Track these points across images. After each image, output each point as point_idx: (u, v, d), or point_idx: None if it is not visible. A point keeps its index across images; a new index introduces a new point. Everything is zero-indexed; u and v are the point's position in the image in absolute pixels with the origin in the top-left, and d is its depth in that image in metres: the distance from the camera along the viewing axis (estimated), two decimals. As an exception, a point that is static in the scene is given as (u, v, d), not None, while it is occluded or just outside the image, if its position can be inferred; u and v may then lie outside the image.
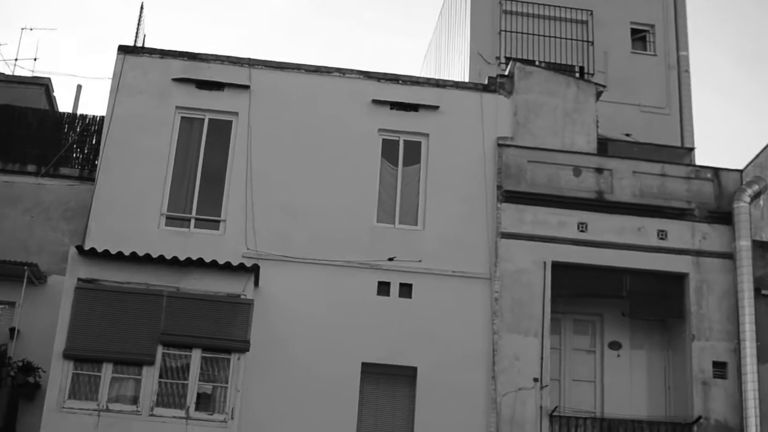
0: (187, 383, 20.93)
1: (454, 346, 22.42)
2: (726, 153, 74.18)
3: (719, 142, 72.42)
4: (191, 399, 20.85)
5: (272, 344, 21.98)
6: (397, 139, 24.10)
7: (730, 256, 23.76)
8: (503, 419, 22.01)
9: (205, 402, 21.03)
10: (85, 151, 24.89)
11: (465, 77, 29.82)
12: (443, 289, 22.76)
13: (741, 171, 24.85)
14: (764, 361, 23.22)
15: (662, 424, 22.85)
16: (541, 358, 22.48)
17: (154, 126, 23.43)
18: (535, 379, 22.32)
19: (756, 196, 24.36)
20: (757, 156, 35.26)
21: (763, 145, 34.92)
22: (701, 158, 26.83)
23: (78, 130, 25.07)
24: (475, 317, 22.68)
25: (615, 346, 24.03)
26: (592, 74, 29.83)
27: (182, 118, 23.70)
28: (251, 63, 24.07)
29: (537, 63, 28.93)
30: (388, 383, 22.47)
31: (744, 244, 23.54)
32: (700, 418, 22.65)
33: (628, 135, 28.04)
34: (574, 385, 23.82)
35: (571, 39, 30.49)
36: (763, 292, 23.76)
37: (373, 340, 22.35)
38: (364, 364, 22.25)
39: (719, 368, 23.18)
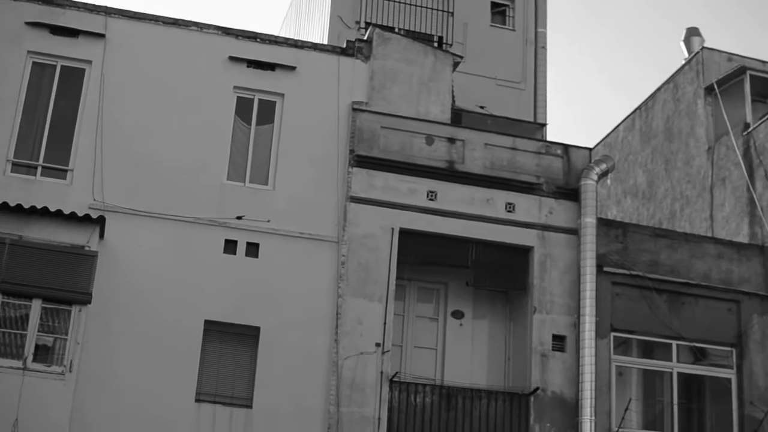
0: (25, 334, 20.89)
1: (298, 308, 22.79)
2: (579, 131, 76.00)
3: (573, 121, 74.17)
4: (29, 350, 20.83)
5: (115, 298, 22.05)
6: (251, 97, 24.31)
7: (574, 232, 24.59)
8: (344, 382, 22.48)
9: (43, 354, 21.02)
10: (-70, 93, 24.51)
11: (324, 40, 30.15)
12: (290, 250, 23.10)
13: (590, 149, 25.69)
14: (602, 336, 24.16)
15: (500, 393, 23.60)
16: (384, 324, 23.00)
17: (4, 70, 23.17)
18: (378, 344, 22.82)
19: (603, 175, 25.23)
20: (608, 135, 36.50)
21: (614, 125, 36.18)
22: (554, 135, 27.65)
23: None
24: (321, 280, 23.08)
25: (458, 315, 24.72)
26: (451, 45, 30.46)
27: (34, 63, 23.50)
28: (108, 11, 23.98)
29: (396, 30, 29.38)
30: (231, 342, 22.73)
31: (589, 221, 24.38)
32: (537, 389, 23.47)
33: (482, 107, 28.72)
34: (416, 351, 24.44)
35: (432, 8, 31.07)
36: (605, 269, 24.69)
37: (218, 298, 22.58)
38: (207, 322, 22.47)
39: (558, 341, 24.03)
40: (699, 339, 25.34)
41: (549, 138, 29.64)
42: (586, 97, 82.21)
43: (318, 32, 31.73)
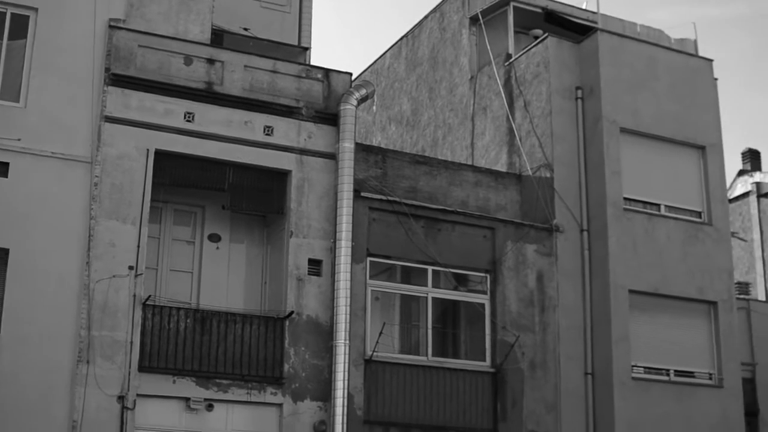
0: None
1: (49, 229, 22.60)
2: (349, 58, 77.02)
3: (343, 47, 75.03)
4: None
5: None
6: (3, 11, 23.87)
7: (333, 156, 25.14)
8: (96, 305, 22.53)
9: None
10: None
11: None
12: (42, 170, 22.78)
13: (351, 74, 26.18)
14: (358, 260, 24.91)
15: (255, 317, 24.08)
16: (138, 246, 23.11)
17: None
18: (131, 267, 22.96)
19: (363, 100, 25.82)
20: (374, 62, 37.27)
21: (380, 53, 36.90)
22: (323, 61, 27.88)
23: None
24: (73, 201, 22.94)
25: (215, 238, 25.09)
26: (214, -36, 30.48)
27: None
28: None
29: (158, -53, 29.21)
30: (-22, 264, 22.56)
31: (347, 146, 24.95)
32: (292, 313, 24.08)
33: (246, 29, 28.87)
34: (171, 275, 24.69)
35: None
36: (363, 194, 25.39)
37: (-36, 219, 22.30)
38: (-48, 244, 22.23)
39: (314, 265, 24.60)
40: (454, 265, 26.39)
41: (316, 63, 30.11)
42: (356, 24, 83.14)
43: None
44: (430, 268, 26.11)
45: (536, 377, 26.45)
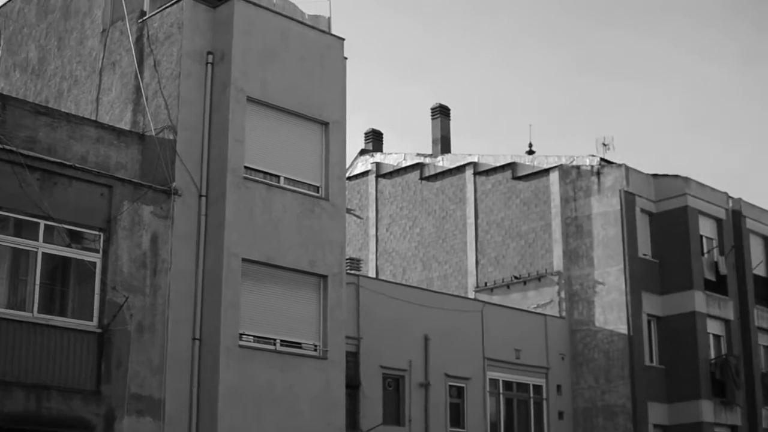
0: None
1: None
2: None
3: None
4: None
5: None
6: None
7: (-52, 99, 24.30)
8: None
9: None
10: None
11: None
12: None
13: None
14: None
15: None
16: None
17: None
18: None
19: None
20: (3, 6, 36.19)
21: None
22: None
23: None
24: None
25: None
26: None
27: None
28: None
29: None
30: None
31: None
32: None
33: None
34: None
35: None
36: (-23, 140, 24.70)
37: None
38: None
39: None
40: (69, 221, 25.99)
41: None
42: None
43: None
44: (42, 222, 25.59)
45: (143, 340, 26.51)
